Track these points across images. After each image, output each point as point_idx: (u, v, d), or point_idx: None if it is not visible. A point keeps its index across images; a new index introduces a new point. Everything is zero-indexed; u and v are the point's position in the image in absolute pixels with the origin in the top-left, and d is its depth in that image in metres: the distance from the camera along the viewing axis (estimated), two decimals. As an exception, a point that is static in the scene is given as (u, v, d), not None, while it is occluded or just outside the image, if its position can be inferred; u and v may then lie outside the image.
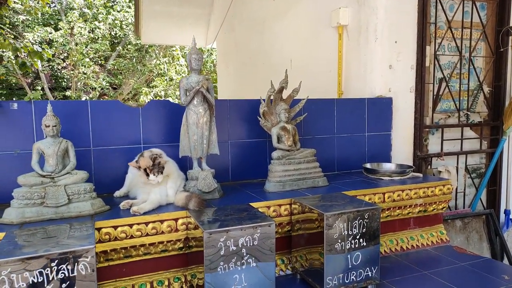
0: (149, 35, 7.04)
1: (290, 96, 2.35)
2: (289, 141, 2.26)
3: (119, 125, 2.16)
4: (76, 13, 12.32)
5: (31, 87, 13.56)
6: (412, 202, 2.28)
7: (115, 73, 14.28)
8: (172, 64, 11.21)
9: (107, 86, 13.84)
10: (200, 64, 2.00)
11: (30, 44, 6.24)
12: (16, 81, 12.95)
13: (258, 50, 5.02)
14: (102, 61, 14.51)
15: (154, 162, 1.85)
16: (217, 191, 2.02)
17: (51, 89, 13.93)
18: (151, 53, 12.61)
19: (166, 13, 6.64)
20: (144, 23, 6.78)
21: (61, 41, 12.25)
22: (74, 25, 12.12)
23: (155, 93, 11.41)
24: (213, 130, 2.09)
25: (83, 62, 12.79)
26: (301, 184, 2.20)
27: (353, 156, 2.77)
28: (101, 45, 13.55)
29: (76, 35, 12.35)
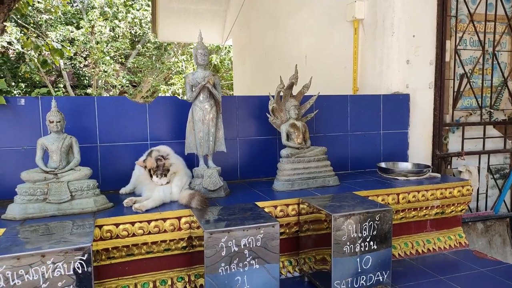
0: (165, 32, 7.07)
1: (301, 92, 2.28)
2: (298, 138, 2.19)
3: (126, 121, 2.13)
4: (97, 12, 12.51)
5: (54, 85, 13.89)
6: (429, 204, 2.17)
7: (134, 71, 14.46)
8: (189, 61, 11.23)
9: (127, 84, 14.03)
10: (206, 59, 1.95)
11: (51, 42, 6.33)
12: (39, 79, 13.28)
13: (273, 46, 4.95)
14: (123, 59, 14.74)
15: (158, 163, 1.81)
16: (223, 189, 1.97)
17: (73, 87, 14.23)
18: (170, 51, 12.70)
19: (182, 10, 6.64)
20: (161, 20, 6.81)
21: (82, 40, 12.47)
22: (95, 23, 12.31)
23: (172, 91, 11.49)
24: (219, 127, 2.04)
25: (104, 60, 12.99)
26: (311, 183, 2.12)
27: (368, 155, 2.67)
28: (122, 44, 13.75)
29: (97, 33, 12.56)
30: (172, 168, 1.86)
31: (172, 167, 1.87)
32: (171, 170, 1.86)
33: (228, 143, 2.32)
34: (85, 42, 12.72)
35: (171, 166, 1.86)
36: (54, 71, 13.96)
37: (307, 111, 2.33)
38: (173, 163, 1.87)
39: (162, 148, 1.94)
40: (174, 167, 1.88)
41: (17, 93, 12.99)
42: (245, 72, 6.13)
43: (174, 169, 1.88)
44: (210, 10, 6.74)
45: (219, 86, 2.00)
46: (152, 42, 13.44)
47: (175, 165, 1.88)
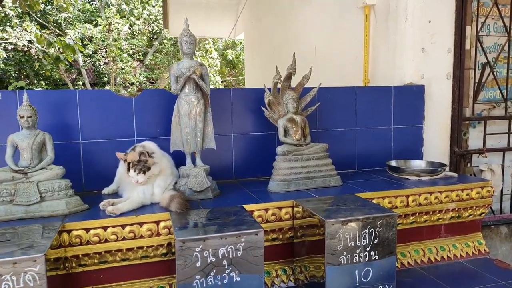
0: (177, 27, 6.93)
1: (300, 84, 2.08)
2: (297, 134, 1.99)
3: (110, 116, 1.99)
4: (114, 9, 12.56)
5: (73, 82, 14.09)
6: (443, 207, 1.94)
7: (152, 68, 14.51)
8: (204, 57, 11.13)
9: (144, 81, 14.09)
10: (193, 47, 1.78)
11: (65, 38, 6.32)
12: (59, 76, 13.48)
13: (283, 39, 4.74)
14: (140, 56, 14.81)
15: (140, 158, 1.66)
16: (211, 190, 1.80)
17: (93, 84, 14.41)
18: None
19: (194, 4, 6.50)
20: (172, 15, 6.69)
21: (99, 37, 12.56)
22: (112, 21, 12.37)
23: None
24: (208, 122, 1.86)
25: (121, 57, 13.07)
26: (309, 184, 1.93)
27: (377, 152, 2.45)
28: (139, 41, 13.81)
29: (114, 31, 12.62)
30: (153, 168, 1.70)
31: (154, 167, 1.70)
32: (152, 170, 1.70)
33: (222, 140, 2.15)
34: (103, 39, 12.82)
35: (153, 165, 1.70)
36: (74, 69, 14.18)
37: (308, 105, 2.13)
38: (157, 162, 1.71)
39: (147, 145, 1.78)
40: (157, 168, 1.72)
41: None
42: (255, 66, 5.95)
43: (156, 170, 1.71)
44: (221, 4, 6.57)
45: (208, 77, 1.83)
46: (168, 39, 13.42)
47: (158, 165, 1.71)
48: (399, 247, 1.94)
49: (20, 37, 11.56)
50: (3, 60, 11.91)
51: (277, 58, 4.97)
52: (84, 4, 14.21)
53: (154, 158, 1.71)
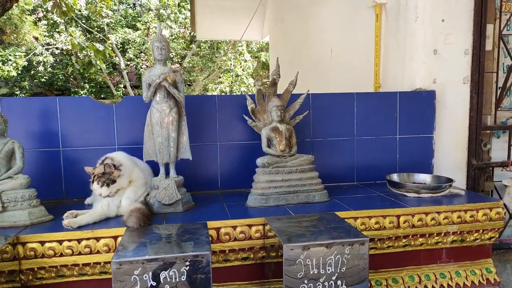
0: (204, 30, 6.96)
1: (287, 91, 1.94)
2: (281, 145, 1.86)
3: (91, 124, 1.96)
4: (152, 13, 12.91)
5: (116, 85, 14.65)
6: (441, 229, 1.72)
7: (188, 71, 14.77)
8: (238, 59, 11.12)
9: (181, 83, 14.35)
10: (164, 53, 1.70)
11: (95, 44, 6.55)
12: (102, 79, 14.07)
13: (302, 41, 4.58)
14: (179, 59, 15.13)
15: (105, 170, 1.61)
16: (182, 203, 1.71)
17: (134, 86, 14.92)
18: (220, 50, 12.72)
19: (220, 7, 6.49)
20: (199, 18, 6.71)
21: (138, 41, 12.96)
22: (150, 25, 12.72)
23: (220, 89, 11.47)
24: (183, 131, 1.78)
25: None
26: (291, 199, 1.79)
27: (379, 164, 2.24)
28: (177, 44, 14.10)
29: (152, 35, 12.96)
30: (120, 181, 1.64)
31: (121, 180, 1.64)
32: (118, 183, 1.64)
33: (207, 149, 2.06)
34: (142, 43, 13.21)
35: (119, 177, 1.64)
36: (116, 72, 14.77)
37: (297, 113, 1.98)
38: (122, 175, 1.64)
39: (117, 156, 1.72)
40: (123, 180, 1.65)
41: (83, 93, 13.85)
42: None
43: (123, 183, 1.65)
44: (248, 6, 6.50)
45: (182, 84, 1.75)
46: (205, 42, 13.59)
47: (124, 178, 1.65)
48: (391, 271, 1.75)
49: (66, 42, 12.18)
50: (51, 64, 12.61)
51: (296, 60, 4.82)
52: (127, 10, 14.75)
53: (122, 171, 1.64)
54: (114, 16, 14.16)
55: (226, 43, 12.66)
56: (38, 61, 12.08)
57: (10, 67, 11.26)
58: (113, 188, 1.61)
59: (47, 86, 13.59)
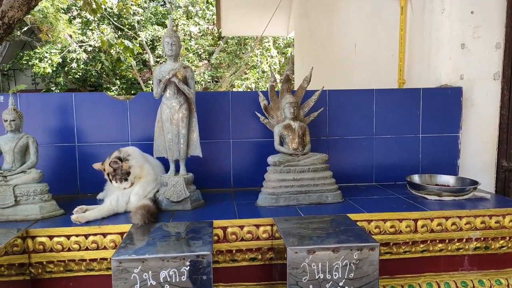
0: (229, 26, 6.96)
1: (301, 87, 1.88)
2: (293, 143, 1.80)
3: (105, 119, 1.98)
4: (181, 11, 13.06)
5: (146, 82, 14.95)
6: (463, 235, 1.61)
7: (215, 67, 14.85)
8: (264, 56, 11.06)
9: (208, 80, 14.48)
10: (175, 49, 1.67)
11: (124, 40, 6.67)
12: (132, 76, 14.39)
13: (327, 36, 4.47)
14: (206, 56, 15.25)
15: (112, 166, 1.62)
16: (190, 201, 1.69)
17: (162, 83, 15.15)
18: (247, 46, 12.71)
19: (246, 2, 6.45)
20: (224, 14, 6.71)
21: (167, 38, 13.13)
22: (178, 22, 12.86)
23: (246, 86, 11.46)
24: (193, 128, 1.76)
25: (188, 57, 13.55)
26: (302, 199, 1.73)
27: (400, 164, 2.14)
28: (206, 41, 14.21)
29: (180, 31, 13.11)
30: (133, 170, 1.65)
31: (134, 169, 1.65)
32: (132, 173, 1.64)
33: (220, 146, 2.04)
34: (171, 40, 13.38)
35: (131, 168, 1.64)
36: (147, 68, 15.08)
37: (311, 110, 1.92)
38: (132, 165, 1.65)
39: (125, 149, 1.73)
40: (137, 170, 1.66)
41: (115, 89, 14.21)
42: (304, 65, 5.71)
43: (136, 172, 1.66)
44: (272, 1, 6.43)
45: (193, 80, 1.72)
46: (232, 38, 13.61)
47: (136, 168, 1.65)
48: (408, 278, 1.66)
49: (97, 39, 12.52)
50: (84, 61, 13.00)
51: (321, 56, 4.72)
52: (157, 8, 14.99)
53: (129, 161, 1.65)
54: (144, 13, 14.42)
55: (253, 39, 12.64)
56: (72, 58, 12.48)
57: (46, 64, 11.71)
58: (131, 179, 1.63)
59: (81, 82, 14.03)
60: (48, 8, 10.59)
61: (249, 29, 7.19)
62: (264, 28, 6.98)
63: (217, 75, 14.82)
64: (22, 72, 14.42)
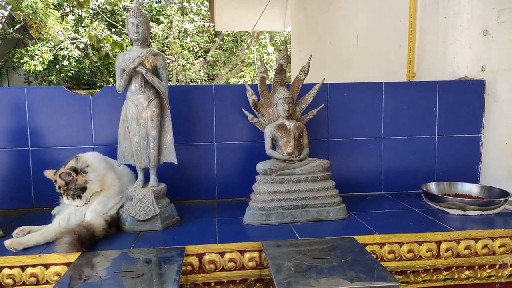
0: (223, 21, 6.64)
1: (298, 80, 1.57)
2: (288, 146, 1.49)
3: (65, 119, 1.66)
4: (175, 7, 12.72)
5: (141, 79, 14.58)
6: (496, 260, 1.31)
7: (211, 64, 14.53)
8: (261, 52, 10.74)
9: (204, 77, 14.15)
10: (142, 31, 1.36)
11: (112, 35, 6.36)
12: (126, 73, 14.02)
13: (325, 29, 4.16)
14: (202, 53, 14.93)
15: (64, 179, 1.31)
16: (161, 219, 1.37)
17: (159, 80, 14.84)
18: (243, 43, 12.39)
19: (239, -4, 6.14)
20: (218, 8, 6.39)
21: (161, 35, 12.81)
22: (172, 18, 12.53)
23: (241, 83, 11.15)
24: (166, 129, 1.44)
25: (183, 54, 13.22)
26: (298, 215, 1.42)
27: (413, 169, 1.84)
28: (201, 38, 13.89)
29: (174, 28, 12.78)
30: (91, 186, 1.34)
31: (92, 185, 1.34)
32: (89, 189, 1.33)
33: (202, 150, 1.73)
34: (165, 37, 13.07)
35: (88, 183, 1.33)
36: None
37: (310, 107, 1.61)
38: (90, 180, 1.33)
39: (87, 156, 1.42)
40: (95, 186, 1.35)
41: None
42: (301, 60, 5.40)
43: (94, 188, 1.35)
44: (268, -6, 6.11)
45: (165, 71, 1.41)
46: (228, 35, 13.29)
47: (94, 183, 1.34)
48: (427, 312, 1.36)
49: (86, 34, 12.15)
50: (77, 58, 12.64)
51: (319, 50, 4.41)
52: (151, 4, 14.65)
53: (88, 174, 1.33)
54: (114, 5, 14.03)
55: (250, 35, 12.31)
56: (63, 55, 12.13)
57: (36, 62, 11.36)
58: (86, 196, 1.32)
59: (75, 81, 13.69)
60: (36, 3, 10.24)
61: (243, 24, 6.88)
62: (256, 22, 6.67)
63: (213, 72, 14.49)
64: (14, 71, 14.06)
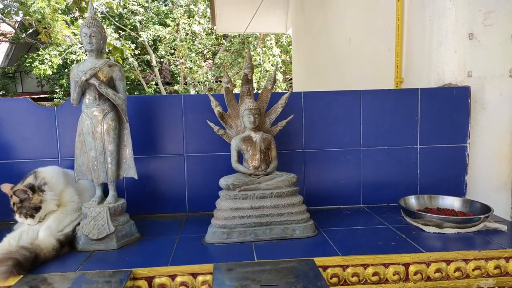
0: (224, 23, 6.60)
1: (266, 90, 1.50)
2: (254, 160, 1.42)
3: (29, 131, 1.62)
4: (182, 10, 12.75)
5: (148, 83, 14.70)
6: (471, 283, 1.22)
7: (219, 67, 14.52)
8: (266, 54, 10.66)
9: (212, 80, 14.16)
10: (96, 42, 1.30)
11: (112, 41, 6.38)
12: (135, 77, 14.13)
13: (321, 30, 4.07)
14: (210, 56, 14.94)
15: (18, 196, 1.27)
16: (117, 237, 1.31)
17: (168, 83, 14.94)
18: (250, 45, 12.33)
19: (240, -2, 6.08)
20: (218, 11, 6.35)
21: (168, 38, 12.85)
22: (179, 21, 12.55)
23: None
24: (125, 143, 1.39)
25: (190, 57, 13.25)
26: (261, 234, 1.34)
27: (394, 181, 1.75)
28: (208, 40, 13.90)
29: (181, 31, 12.81)
30: (46, 206, 1.30)
31: (47, 205, 1.30)
32: (44, 209, 1.29)
33: (172, 162, 1.67)
34: (172, 40, 13.11)
35: (43, 203, 1.29)
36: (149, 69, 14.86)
37: (280, 118, 1.53)
38: (46, 200, 1.29)
39: (46, 172, 1.37)
40: (50, 205, 1.30)
41: (117, 90, 13.92)
42: (300, 64, 5.32)
43: (50, 208, 1.31)
44: (267, -4, 6.05)
45: (122, 82, 1.35)
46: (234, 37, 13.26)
47: (50, 203, 1.30)
48: (398, 337, 1.27)
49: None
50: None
51: (316, 53, 4.32)
52: (160, 7, 14.72)
53: (44, 194, 1.29)
54: (146, 13, 14.17)
55: (256, 37, 12.25)
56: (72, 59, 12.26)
57: (46, 66, 11.52)
58: (40, 215, 1.28)
59: (86, 84, 13.82)
60: (44, 9, 10.37)
61: (244, 26, 6.81)
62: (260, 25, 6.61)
63: (220, 75, 14.48)
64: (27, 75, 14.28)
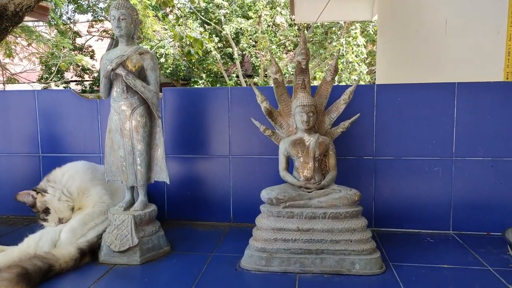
0: (304, 12, 6.27)
1: (325, 82, 1.20)
2: (306, 168, 1.14)
3: (72, 124, 1.54)
4: (264, 1, 12.63)
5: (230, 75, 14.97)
6: None
7: (301, 59, 14.14)
8: (350, 44, 10.02)
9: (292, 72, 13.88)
10: (125, 26, 1.13)
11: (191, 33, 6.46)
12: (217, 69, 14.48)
13: (412, 13, 3.55)
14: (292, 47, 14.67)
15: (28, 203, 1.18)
16: (141, 251, 1.13)
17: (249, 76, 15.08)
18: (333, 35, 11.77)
19: (321, -16, 5.70)
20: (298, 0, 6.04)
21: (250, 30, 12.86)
22: (261, 13, 12.45)
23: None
24: (157, 142, 1.21)
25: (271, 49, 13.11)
26: (310, 264, 1.06)
27: (498, 203, 1.33)
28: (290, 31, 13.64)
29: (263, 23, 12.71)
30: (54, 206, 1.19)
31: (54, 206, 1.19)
32: (52, 211, 1.18)
33: (214, 164, 1.46)
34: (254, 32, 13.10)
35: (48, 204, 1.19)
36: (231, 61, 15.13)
37: (343, 116, 1.22)
38: (47, 200, 1.18)
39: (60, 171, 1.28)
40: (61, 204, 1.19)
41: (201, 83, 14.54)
42: (386, 54, 4.78)
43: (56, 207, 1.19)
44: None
45: (154, 73, 1.16)
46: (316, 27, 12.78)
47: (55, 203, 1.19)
48: None
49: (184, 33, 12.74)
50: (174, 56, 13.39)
51: (404, 39, 3.80)
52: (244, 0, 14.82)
53: (46, 195, 1.19)
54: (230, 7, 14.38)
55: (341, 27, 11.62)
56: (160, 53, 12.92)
57: (137, 60, 12.30)
58: (53, 219, 1.17)
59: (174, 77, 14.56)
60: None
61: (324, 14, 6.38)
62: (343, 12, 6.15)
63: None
64: (122, 69, 15.40)
